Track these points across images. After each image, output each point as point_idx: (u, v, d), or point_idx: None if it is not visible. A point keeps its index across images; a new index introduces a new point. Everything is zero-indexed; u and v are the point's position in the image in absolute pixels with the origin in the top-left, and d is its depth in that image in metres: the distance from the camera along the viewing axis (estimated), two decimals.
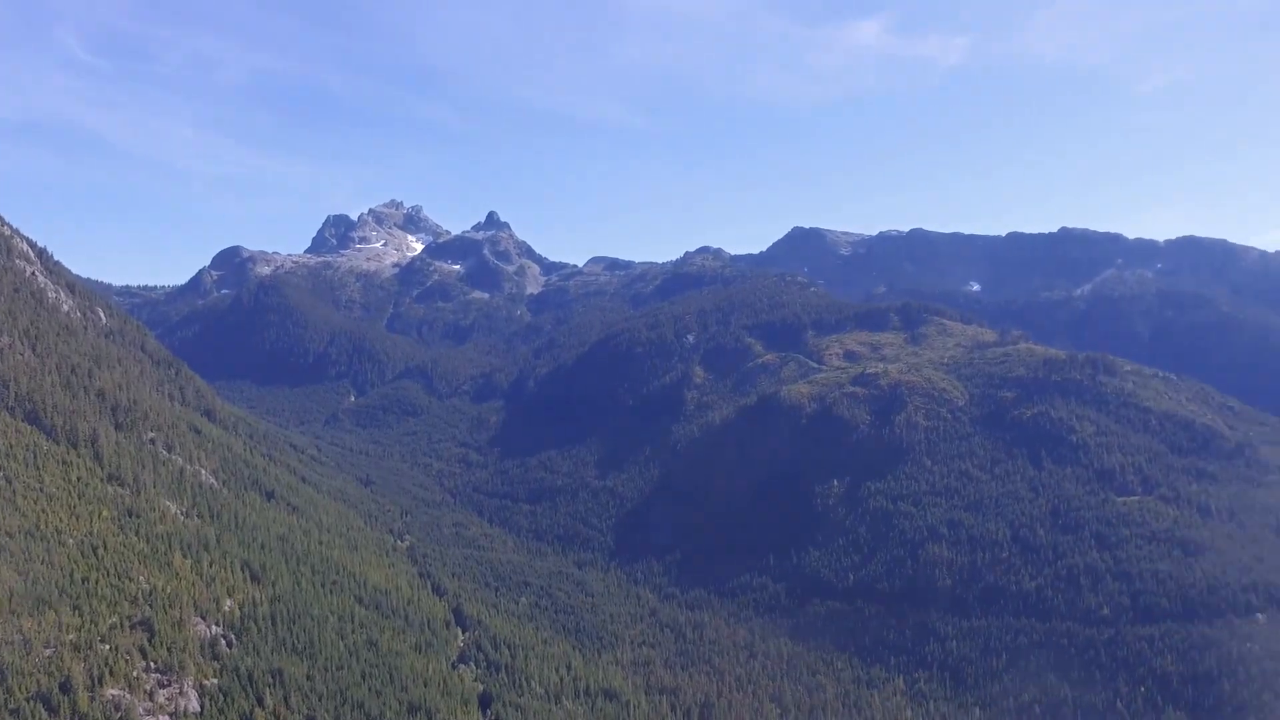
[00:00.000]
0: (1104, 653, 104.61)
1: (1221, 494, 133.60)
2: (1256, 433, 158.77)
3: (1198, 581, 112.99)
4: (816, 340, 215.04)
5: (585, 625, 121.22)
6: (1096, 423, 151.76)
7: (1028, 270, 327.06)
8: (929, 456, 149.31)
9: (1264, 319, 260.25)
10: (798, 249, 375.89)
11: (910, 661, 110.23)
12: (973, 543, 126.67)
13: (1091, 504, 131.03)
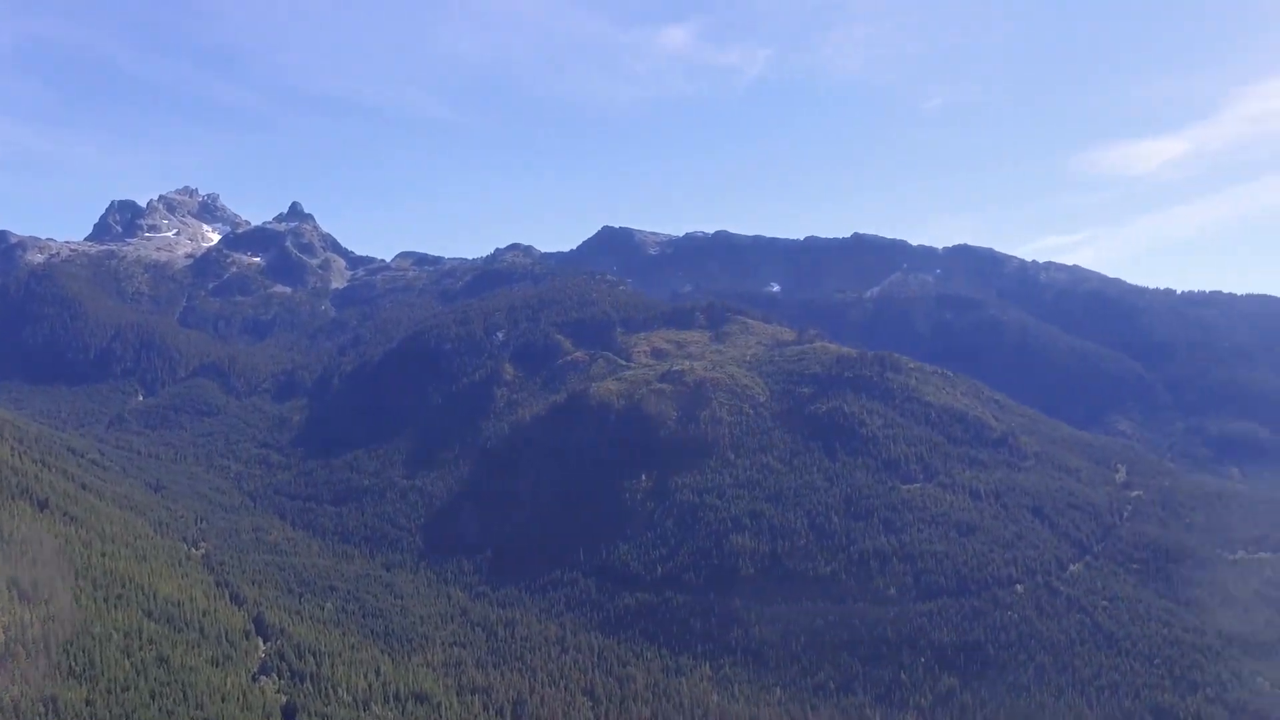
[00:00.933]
0: (890, 629, 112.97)
1: (989, 479, 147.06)
2: (1018, 423, 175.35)
3: (969, 559, 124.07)
4: (625, 338, 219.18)
5: (395, 628, 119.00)
6: (884, 416, 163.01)
7: (824, 272, 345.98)
8: (733, 450, 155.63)
9: (1023, 321, 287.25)
10: (607, 248, 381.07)
11: (716, 648, 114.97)
12: (773, 532, 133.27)
13: (880, 492, 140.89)
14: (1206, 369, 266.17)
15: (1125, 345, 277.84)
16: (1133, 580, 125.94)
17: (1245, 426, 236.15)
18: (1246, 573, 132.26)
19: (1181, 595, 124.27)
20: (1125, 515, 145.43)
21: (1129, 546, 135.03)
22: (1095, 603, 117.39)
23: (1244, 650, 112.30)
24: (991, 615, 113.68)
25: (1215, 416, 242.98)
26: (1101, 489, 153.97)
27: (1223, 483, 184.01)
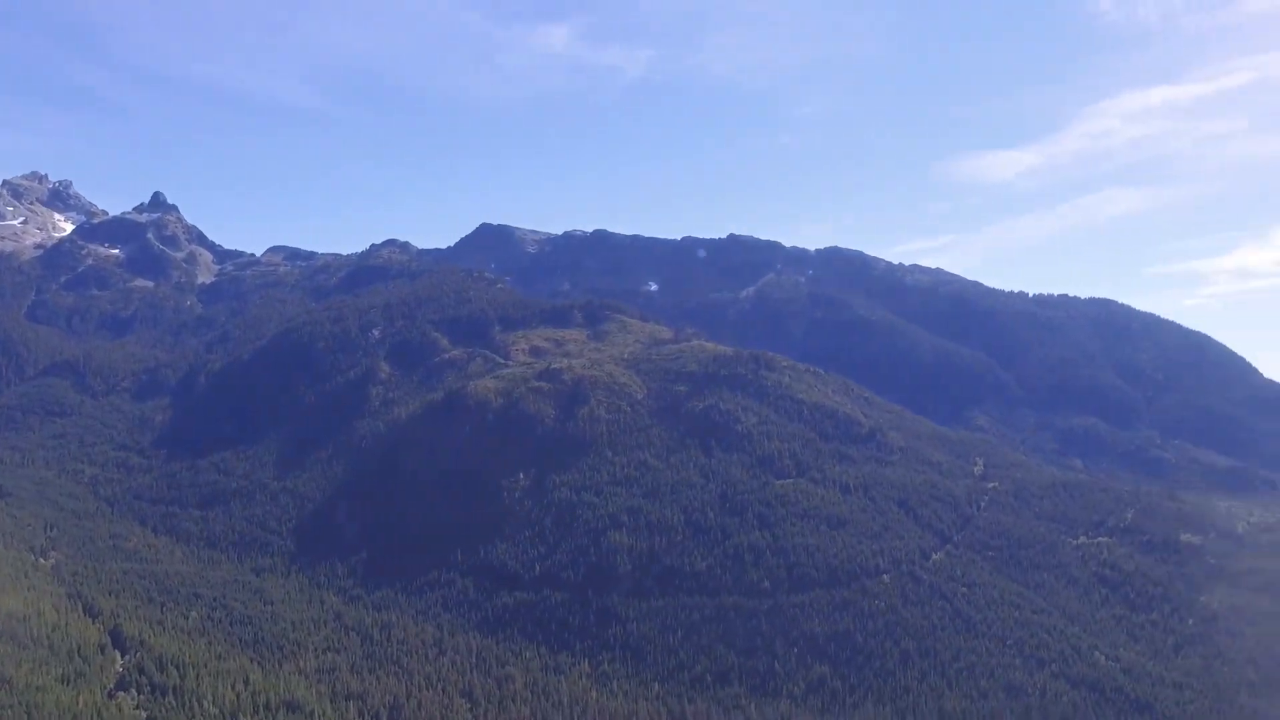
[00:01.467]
0: (764, 621, 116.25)
1: (858, 473, 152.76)
2: (885, 419, 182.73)
3: (840, 551, 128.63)
4: (504, 336, 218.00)
5: (264, 635, 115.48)
6: (759, 413, 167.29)
7: (701, 272, 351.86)
8: (610, 448, 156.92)
9: (890, 321, 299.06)
10: (486, 245, 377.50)
11: (595, 645, 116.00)
12: (651, 528, 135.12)
13: (754, 487, 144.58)
14: (1054, 368, 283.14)
15: (983, 345, 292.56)
16: (988, 567, 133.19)
17: (1088, 421, 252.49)
18: (1087, 556, 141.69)
19: (1031, 579, 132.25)
20: (982, 506, 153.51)
21: (985, 535, 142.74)
22: (955, 589, 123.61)
23: (1083, 628, 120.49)
24: (860, 604, 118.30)
25: (1062, 412, 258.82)
26: (961, 481, 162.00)
27: (1068, 473, 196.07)
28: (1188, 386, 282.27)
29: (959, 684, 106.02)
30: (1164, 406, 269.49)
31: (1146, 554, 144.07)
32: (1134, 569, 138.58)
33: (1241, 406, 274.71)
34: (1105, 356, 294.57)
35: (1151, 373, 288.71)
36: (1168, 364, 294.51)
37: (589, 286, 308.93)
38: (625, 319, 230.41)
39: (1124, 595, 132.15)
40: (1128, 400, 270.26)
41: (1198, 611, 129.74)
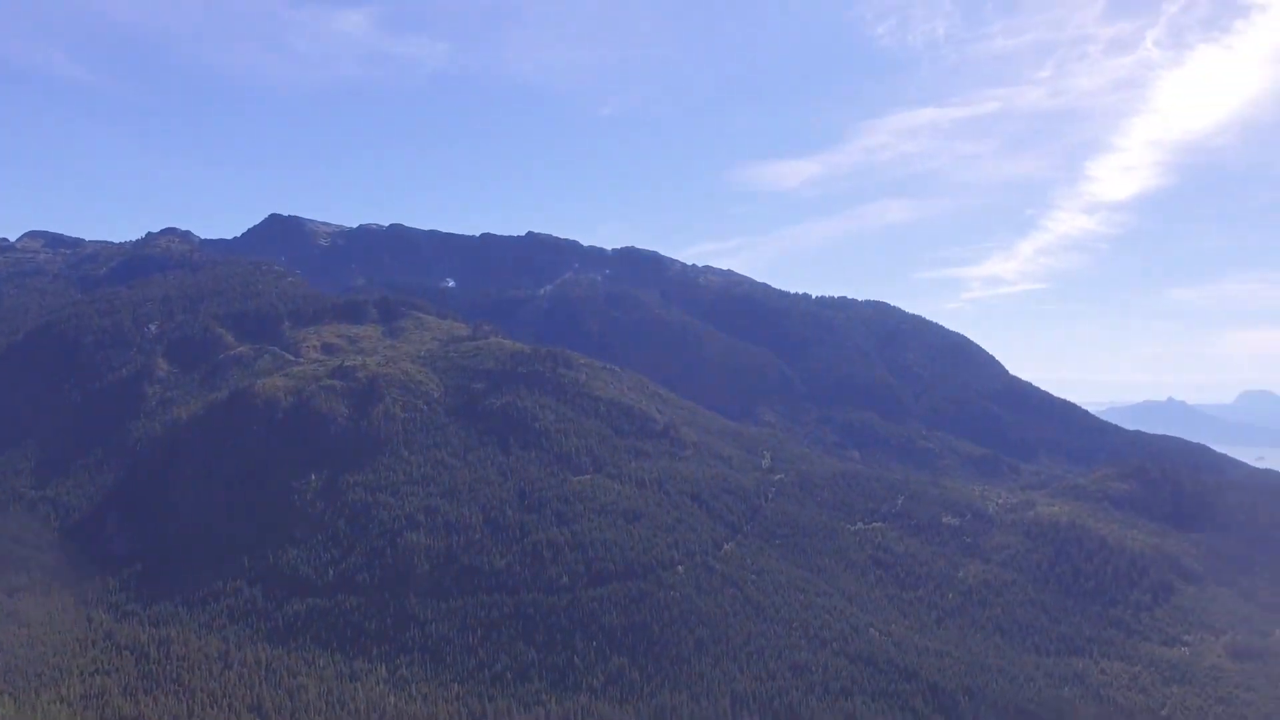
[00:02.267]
0: (564, 617, 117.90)
1: (653, 468, 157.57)
2: (679, 416, 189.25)
3: (635, 545, 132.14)
4: (294, 332, 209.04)
5: (19, 663, 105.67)
6: (556, 411, 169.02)
7: (499, 269, 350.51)
8: (406, 447, 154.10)
9: (684, 321, 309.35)
10: (275, 237, 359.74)
11: (392, 649, 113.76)
12: (448, 527, 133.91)
13: (552, 484, 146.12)
14: (835, 366, 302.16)
15: (771, 344, 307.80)
16: (776, 554, 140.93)
17: (864, 415, 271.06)
18: (863, 540, 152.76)
19: (814, 564, 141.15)
20: (770, 497, 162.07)
21: (773, 524, 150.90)
22: (745, 577, 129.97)
23: (860, 607, 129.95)
24: (656, 596, 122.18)
25: (841, 407, 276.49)
26: (751, 474, 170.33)
27: (847, 464, 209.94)
28: (949, 383, 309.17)
29: (749, 666, 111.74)
30: (929, 401, 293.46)
31: (914, 536, 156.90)
32: (903, 550, 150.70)
33: (992, 400, 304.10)
34: (879, 355, 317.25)
35: (919, 370, 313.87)
36: (932, 362, 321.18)
37: (385, 282, 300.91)
38: (422, 316, 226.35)
39: (895, 575, 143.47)
40: (899, 395, 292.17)
41: (956, 586, 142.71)
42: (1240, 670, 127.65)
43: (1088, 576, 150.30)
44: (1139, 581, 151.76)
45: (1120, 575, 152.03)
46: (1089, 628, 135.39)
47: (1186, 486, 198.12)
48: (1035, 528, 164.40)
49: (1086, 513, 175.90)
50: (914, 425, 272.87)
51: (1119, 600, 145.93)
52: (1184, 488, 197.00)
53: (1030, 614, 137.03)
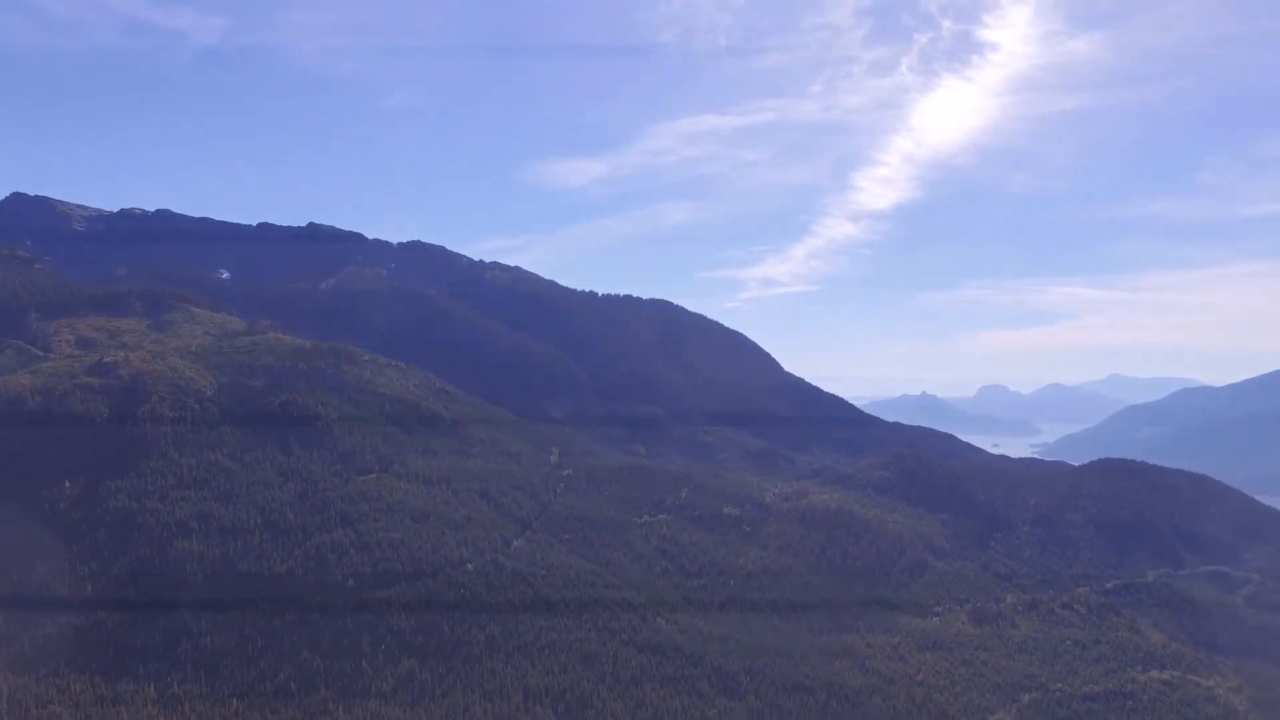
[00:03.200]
0: (350, 621, 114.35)
1: (440, 466, 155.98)
2: (467, 412, 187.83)
3: (424, 544, 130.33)
4: (43, 325, 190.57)
5: None
6: (339, 408, 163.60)
7: (278, 261, 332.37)
8: (176, 449, 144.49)
9: (471, 316, 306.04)
10: (20, 219, 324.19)
11: (163, 666, 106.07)
12: (224, 533, 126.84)
13: (336, 484, 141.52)
14: (620, 362, 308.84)
15: (559, 341, 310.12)
16: (565, 549, 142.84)
17: (649, 411, 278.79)
18: (650, 532, 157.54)
19: (602, 557, 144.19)
20: (559, 492, 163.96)
21: (562, 519, 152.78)
22: (535, 572, 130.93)
23: (648, 597, 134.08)
24: (446, 595, 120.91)
25: (627, 402, 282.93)
26: (539, 470, 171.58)
27: (632, 459, 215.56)
28: (728, 379, 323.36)
29: (541, 661, 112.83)
30: (710, 397, 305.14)
31: (697, 527, 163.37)
32: (688, 541, 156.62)
33: (768, 396, 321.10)
34: (663, 352, 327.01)
35: (700, 366, 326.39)
36: (713, 359, 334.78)
37: (151, 272, 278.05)
38: (193, 308, 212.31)
39: (680, 565, 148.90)
40: (681, 391, 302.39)
41: (737, 573, 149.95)
42: (980, 634, 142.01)
43: (854, 558, 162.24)
44: (898, 560, 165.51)
45: (882, 555, 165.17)
46: (856, 605, 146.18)
47: (936, 472, 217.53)
48: (808, 515, 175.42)
49: (853, 499, 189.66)
50: (696, 420, 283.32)
51: (881, 579, 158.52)
52: (934, 473, 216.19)
53: (805, 596, 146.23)
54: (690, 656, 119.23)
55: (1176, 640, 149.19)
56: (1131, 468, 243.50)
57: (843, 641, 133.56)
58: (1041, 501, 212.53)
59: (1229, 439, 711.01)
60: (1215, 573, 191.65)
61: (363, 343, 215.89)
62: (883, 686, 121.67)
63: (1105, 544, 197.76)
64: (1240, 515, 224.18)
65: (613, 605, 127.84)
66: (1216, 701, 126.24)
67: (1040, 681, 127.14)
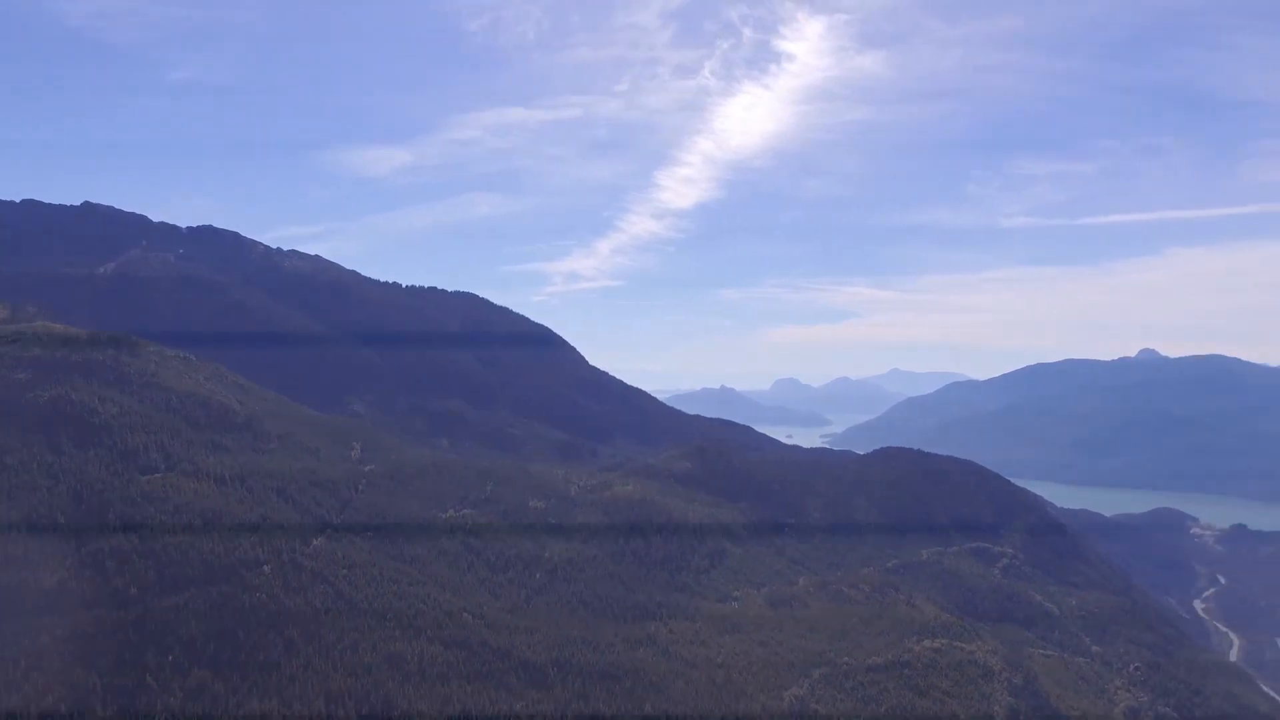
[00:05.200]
0: (132, 632, 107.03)
1: (234, 464, 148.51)
2: (262, 407, 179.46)
3: (215, 546, 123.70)
4: None
5: None
6: (120, 403, 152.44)
7: (47, 243, 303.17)
8: None
9: (268, 306, 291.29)
10: None
11: None
12: None
13: (116, 485, 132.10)
14: (424, 355, 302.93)
15: (360, 333, 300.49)
16: (368, 546, 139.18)
17: (454, 404, 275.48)
18: (455, 527, 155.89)
19: (407, 554, 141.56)
20: (361, 488, 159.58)
21: (364, 516, 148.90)
22: (337, 572, 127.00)
23: (454, 593, 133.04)
24: (240, 600, 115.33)
25: (432, 396, 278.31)
26: (340, 466, 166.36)
27: (437, 453, 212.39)
28: (534, 372, 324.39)
29: (344, 663, 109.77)
30: (516, 390, 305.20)
31: (504, 520, 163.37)
32: (493, 535, 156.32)
33: (573, 388, 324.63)
34: (469, 345, 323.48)
35: (506, 360, 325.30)
36: (519, 352, 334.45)
37: None
38: None
39: (486, 559, 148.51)
40: (487, 384, 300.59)
41: (543, 565, 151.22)
42: (775, 616, 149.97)
43: (657, 548, 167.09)
44: (698, 548, 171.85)
45: (683, 544, 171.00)
46: (659, 593, 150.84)
47: (734, 463, 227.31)
48: (612, 506, 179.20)
49: (656, 490, 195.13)
50: (502, 413, 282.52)
51: (683, 566, 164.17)
52: (732, 464, 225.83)
53: (609, 586, 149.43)
54: (497, 650, 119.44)
55: (946, 611, 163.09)
56: (909, 455, 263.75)
57: (646, 629, 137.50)
58: (831, 489, 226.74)
59: (990, 427, 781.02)
60: (978, 549, 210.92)
61: (147, 332, 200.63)
62: (685, 670, 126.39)
63: (886, 526, 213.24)
64: (999, 496, 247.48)
65: (418, 602, 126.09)
66: (978, 664, 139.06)
67: (830, 657, 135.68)
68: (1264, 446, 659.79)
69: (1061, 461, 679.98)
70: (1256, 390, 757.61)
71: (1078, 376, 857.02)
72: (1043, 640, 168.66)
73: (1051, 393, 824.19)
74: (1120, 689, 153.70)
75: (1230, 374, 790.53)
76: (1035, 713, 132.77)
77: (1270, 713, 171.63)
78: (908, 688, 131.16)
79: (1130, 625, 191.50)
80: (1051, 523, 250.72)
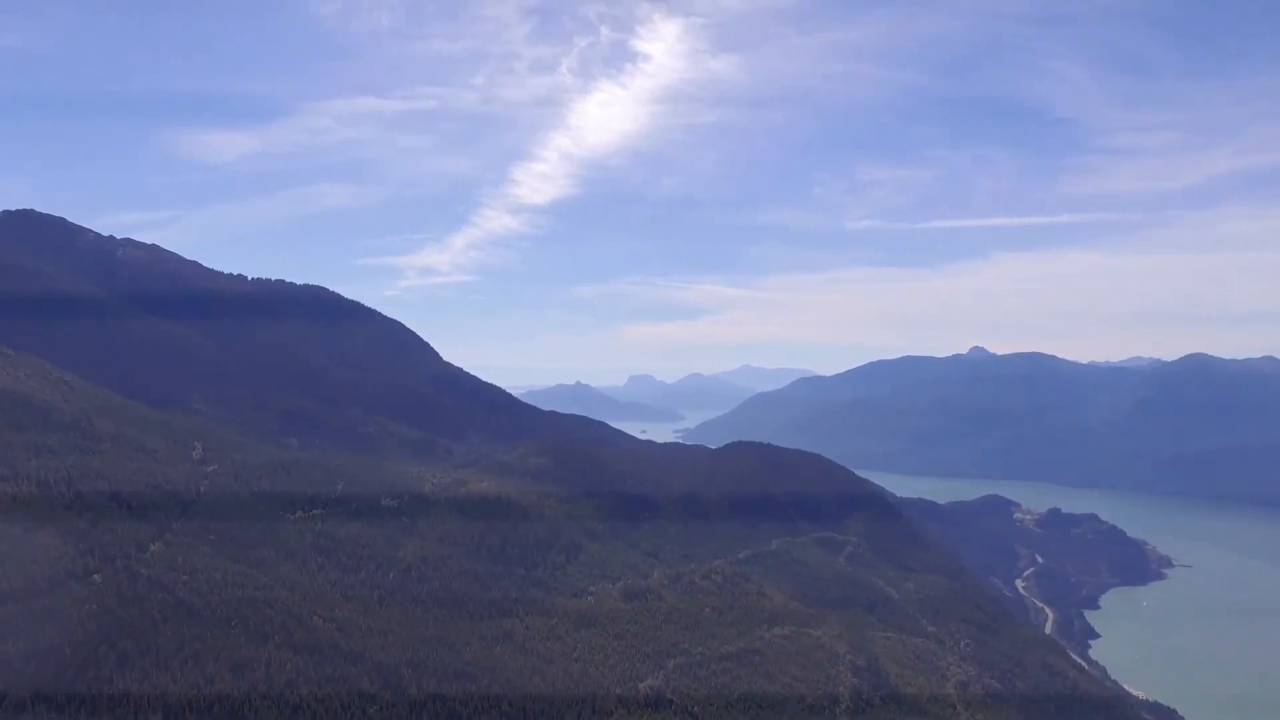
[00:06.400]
0: None
1: (60, 466, 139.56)
2: (91, 405, 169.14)
3: (37, 555, 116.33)
4: None
5: None
6: None
7: None
8: None
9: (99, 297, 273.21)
10: None
11: None
12: None
13: None
14: (273, 351, 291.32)
15: (202, 326, 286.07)
16: (210, 551, 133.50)
17: (303, 402, 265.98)
18: (304, 529, 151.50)
19: (253, 557, 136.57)
20: (202, 490, 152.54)
21: (206, 520, 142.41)
22: (176, 579, 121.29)
23: (303, 597, 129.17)
24: (68, 613, 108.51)
25: (279, 393, 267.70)
26: (180, 467, 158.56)
27: (285, 452, 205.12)
28: (387, 368, 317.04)
29: (184, 674, 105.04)
30: (368, 386, 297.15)
31: (355, 520, 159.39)
32: (344, 535, 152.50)
33: (428, 385, 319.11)
34: (319, 340, 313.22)
35: (358, 356, 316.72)
36: (372, 348, 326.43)
37: None
38: None
39: (337, 560, 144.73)
40: (339, 381, 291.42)
41: (396, 565, 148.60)
42: (631, 609, 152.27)
43: (513, 544, 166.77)
44: (554, 543, 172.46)
45: (539, 540, 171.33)
46: (515, 590, 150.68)
47: (589, 458, 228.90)
48: (467, 504, 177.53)
49: (511, 486, 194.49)
50: (354, 411, 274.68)
51: (539, 562, 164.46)
52: (587, 459, 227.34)
53: (465, 584, 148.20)
54: (349, 654, 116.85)
55: (794, 599, 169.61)
56: (759, 450, 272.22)
57: (503, 626, 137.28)
58: (684, 483, 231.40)
59: (836, 421, 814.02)
60: (824, 538, 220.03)
61: None
62: (542, 666, 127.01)
63: (738, 518, 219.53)
64: (844, 487, 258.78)
65: (265, 607, 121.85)
66: (824, 648, 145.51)
67: (684, 648, 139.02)
68: (1077, 436, 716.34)
69: (901, 452, 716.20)
70: (1071, 385, 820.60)
71: (916, 372, 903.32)
72: (883, 623, 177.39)
73: (892, 387, 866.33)
74: (952, 665, 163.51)
75: (1049, 370, 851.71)
76: (876, 692, 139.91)
77: (1077, 678, 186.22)
78: (758, 674, 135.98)
79: (961, 606, 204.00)
80: (891, 511, 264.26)
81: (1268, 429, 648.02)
